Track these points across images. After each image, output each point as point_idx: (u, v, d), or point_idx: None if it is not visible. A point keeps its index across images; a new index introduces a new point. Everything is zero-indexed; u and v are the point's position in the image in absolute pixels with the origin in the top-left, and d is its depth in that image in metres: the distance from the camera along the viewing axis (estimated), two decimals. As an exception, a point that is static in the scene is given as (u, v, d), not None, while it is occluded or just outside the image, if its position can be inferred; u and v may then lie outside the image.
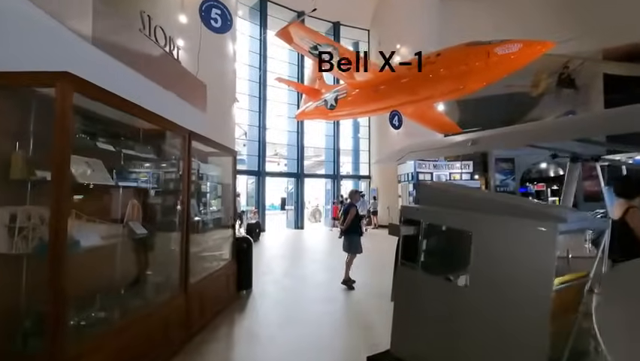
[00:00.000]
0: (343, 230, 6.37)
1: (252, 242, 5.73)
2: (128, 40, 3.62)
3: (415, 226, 2.55)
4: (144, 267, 3.54)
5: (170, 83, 4.22)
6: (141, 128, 3.44)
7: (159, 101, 3.68)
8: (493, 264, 2.07)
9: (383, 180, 17.36)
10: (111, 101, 2.58)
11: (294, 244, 12.44)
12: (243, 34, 15.42)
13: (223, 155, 5.27)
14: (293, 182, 16.80)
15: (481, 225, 2.12)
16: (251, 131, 15.61)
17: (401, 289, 2.70)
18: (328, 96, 12.84)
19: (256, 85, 15.48)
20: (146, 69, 3.75)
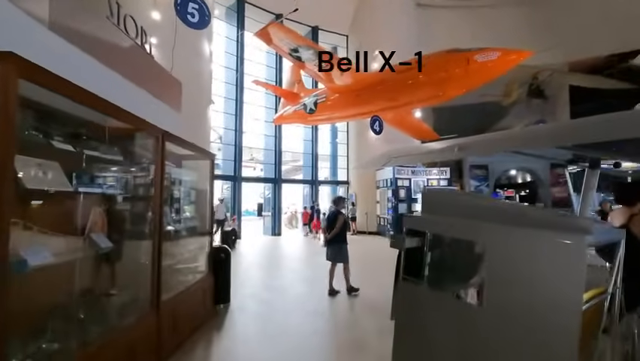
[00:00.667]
0: (329, 239, 6.10)
1: (230, 252, 5.35)
2: (93, 28, 3.21)
3: (419, 237, 2.32)
4: (109, 285, 3.11)
5: (142, 79, 3.82)
6: (107, 126, 3.04)
7: (128, 97, 3.29)
8: (511, 280, 1.87)
9: (362, 185, 17.28)
10: (68, 91, 2.20)
11: (272, 252, 12.03)
12: (220, 35, 14.96)
13: (200, 158, 4.88)
14: (270, 187, 16.39)
15: (497, 237, 1.92)
16: (226, 134, 15.11)
17: (403, 307, 2.46)
18: (308, 100, 12.60)
19: (232, 87, 15.02)
20: (114, 61, 3.35)
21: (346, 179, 18.48)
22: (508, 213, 2.04)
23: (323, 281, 7.39)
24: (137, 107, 3.09)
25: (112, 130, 3.03)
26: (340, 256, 6.02)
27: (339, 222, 5.96)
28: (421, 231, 2.33)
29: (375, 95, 10.62)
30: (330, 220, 6.13)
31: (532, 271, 1.80)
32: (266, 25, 8.44)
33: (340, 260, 6.02)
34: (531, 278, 1.80)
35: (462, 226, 2.08)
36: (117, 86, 3.29)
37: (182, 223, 4.82)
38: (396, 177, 14.62)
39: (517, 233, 1.87)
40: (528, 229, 1.83)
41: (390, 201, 14.83)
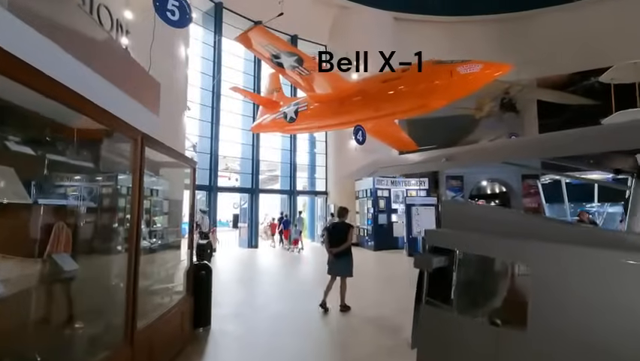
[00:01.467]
0: (336, 252, 5.76)
1: (210, 269, 4.88)
2: (61, 14, 2.77)
3: (446, 255, 2.06)
4: (73, 316, 2.62)
5: (116, 75, 3.38)
6: (76, 127, 2.60)
7: (100, 92, 2.85)
8: (564, 306, 1.63)
9: (341, 196, 17.06)
10: (28, 77, 1.78)
11: (251, 266, 11.47)
12: (196, 40, 14.45)
13: (180, 166, 4.44)
14: (247, 197, 15.83)
15: (546, 257, 1.68)
16: (202, 142, 14.49)
17: (427, 335, 2.17)
18: (288, 109, 12.30)
19: (209, 94, 14.49)
20: (85, 53, 2.91)
21: (325, 189, 18.22)
22: (558, 230, 1.81)
23: (306, 296, 7.01)
24: (111, 105, 2.67)
25: (82, 131, 2.59)
26: (347, 269, 5.81)
27: (350, 234, 5.81)
28: (448, 249, 2.07)
29: (358, 105, 10.50)
30: (337, 233, 5.87)
31: (593, 294, 1.57)
32: (248, 29, 8.14)
33: (346, 273, 5.81)
34: (591, 302, 1.56)
35: (502, 245, 1.83)
36: (88, 80, 2.84)
37: (159, 238, 4.35)
38: (376, 187, 14.53)
39: (573, 253, 1.63)
40: (586, 248, 1.60)
41: (370, 212, 14.69)
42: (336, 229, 5.98)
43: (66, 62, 2.51)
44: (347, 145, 16.77)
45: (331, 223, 6.28)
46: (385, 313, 5.74)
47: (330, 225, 6.25)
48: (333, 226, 6.14)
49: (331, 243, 5.85)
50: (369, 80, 10.56)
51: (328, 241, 5.92)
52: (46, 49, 2.46)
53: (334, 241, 5.83)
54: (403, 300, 6.90)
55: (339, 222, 6.03)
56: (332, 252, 5.80)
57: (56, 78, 1.99)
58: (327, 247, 5.96)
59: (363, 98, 10.42)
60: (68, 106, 2.21)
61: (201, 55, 14.74)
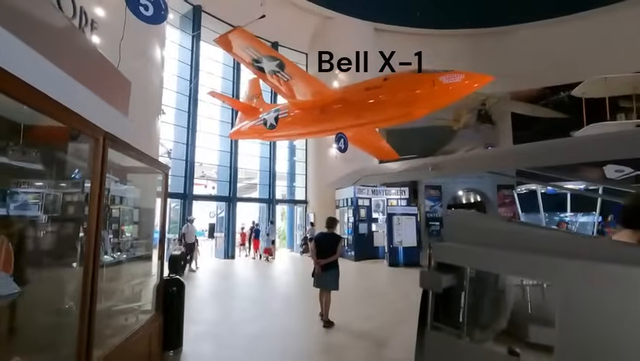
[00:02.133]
0: (324, 264, 5.53)
1: (183, 285, 4.45)
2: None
3: (454, 273, 1.82)
4: (10, 350, 2.18)
5: (79, 70, 2.99)
6: (22, 123, 2.21)
7: (59, 88, 2.47)
8: (599, 332, 1.40)
9: (321, 205, 16.80)
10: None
11: (227, 279, 10.93)
12: (173, 43, 13.97)
13: (152, 171, 4.04)
14: (224, 206, 15.28)
15: (574, 276, 1.46)
16: (177, 149, 13.90)
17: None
18: (268, 115, 12.00)
19: (185, 98, 13.97)
20: (41, 42, 2.52)
21: (304, 198, 17.91)
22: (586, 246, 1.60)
23: (287, 313, 6.65)
24: (67, 98, 2.30)
25: (31, 129, 2.21)
26: (334, 283, 5.64)
27: (340, 247, 5.69)
28: (457, 266, 1.83)
29: (340, 112, 10.34)
30: (327, 244, 5.65)
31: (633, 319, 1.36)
32: (228, 30, 7.82)
33: (332, 287, 5.63)
34: (630, 328, 1.35)
35: (522, 261, 1.61)
36: (42, 73, 2.46)
37: (127, 250, 3.92)
38: (357, 196, 14.37)
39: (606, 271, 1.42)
40: (622, 266, 1.39)
41: (350, 222, 14.48)
42: (326, 239, 5.76)
43: (12, 44, 2.12)
44: (327, 153, 16.61)
45: (321, 233, 5.99)
46: (370, 328, 5.47)
47: (320, 235, 5.99)
48: (323, 236, 5.87)
49: (319, 254, 5.62)
50: (351, 87, 10.46)
51: (316, 252, 5.67)
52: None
53: (323, 252, 5.62)
54: (387, 313, 6.70)
55: (329, 233, 5.83)
56: (320, 263, 5.57)
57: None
58: (314, 258, 5.69)
59: (344, 106, 10.27)
60: (12, 96, 1.83)
61: (178, 58, 14.24)
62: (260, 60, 8.60)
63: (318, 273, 5.62)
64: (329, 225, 5.96)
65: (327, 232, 5.87)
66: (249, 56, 8.49)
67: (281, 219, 21.32)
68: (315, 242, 5.89)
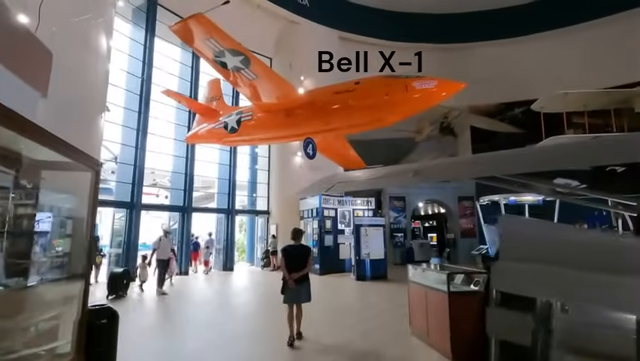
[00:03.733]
0: (298, 278, 5.29)
1: (116, 316, 3.44)
2: None
3: (522, 304, 1.20)
4: None
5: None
6: None
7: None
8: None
9: (284, 216, 15.97)
10: None
11: (178, 299, 9.60)
12: (123, 36, 12.68)
13: (74, 167, 3.09)
14: (177, 217, 13.94)
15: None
16: (124, 153, 12.50)
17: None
18: (229, 118, 11.09)
19: (135, 97, 12.66)
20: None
21: (267, 208, 16.97)
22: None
23: (248, 339, 5.78)
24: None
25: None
26: (308, 295, 5.49)
27: (311, 257, 5.55)
28: (525, 297, 1.21)
29: (308, 117, 9.71)
30: (298, 256, 5.42)
31: None
32: (187, 16, 6.95)
33: (307, 299, 5.48)
34: None
35: None
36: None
37: (36, 273, 2.94)
38: (322, 206, 13.75)
39: None
40: None
41: (316, 233, 13.79)
42: (295, 252, 5.50)
43: None
44: (292, 161, 15.93)
45: (289, 246, 5.62)
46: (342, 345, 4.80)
47: (289, 247, 5.61)
48: (292, 249, 5.55)
49: (291, 268, 5.33)
50: (321, 90, 9.92)
51: (288, 267, 5.35)
52: None
53: (293, 266, 5.35)
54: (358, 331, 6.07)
55: (298, 245, 5.59)
56: (293, 278, 5.28)
57: None
58: (286, 273, 5.32)
59: (313, 110, 9.66)
60: None
61: (129, 53, 12.94)
62: (222, 54, 7.79)
63: (292, 288, 5.28)
64: (296, 236, 5.67)
65: (295, 244, 5.60)
66: (211, 49, 7.67)
67: (239, 231, 20.12)
68: (286, 255, 5.51)
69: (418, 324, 5.24)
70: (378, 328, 6.01)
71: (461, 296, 4.46)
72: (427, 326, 4.94)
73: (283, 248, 5.70)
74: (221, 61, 8.07)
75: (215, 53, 7.80)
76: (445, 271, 4.99)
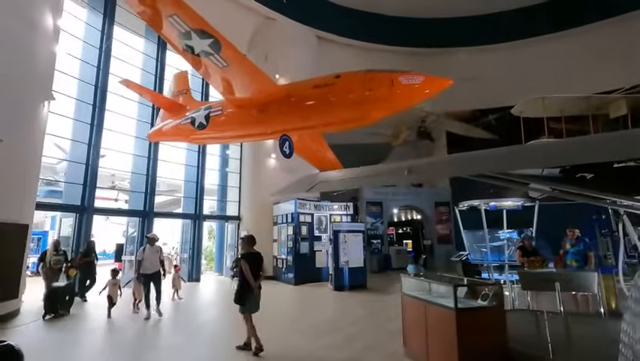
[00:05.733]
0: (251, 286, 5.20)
1: (19, 356, 2.42)
2: None
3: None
4: None
5: None
6: None
7: None
8: None
9: (256, 221, 14.96)
10: None
11: (132, 320, 7.98)
12: (77, 19, 11.37)
13: None
14: (137, 223, 12.59)
15: None
16: (75, 150, 11.12)
17: None
18: (197, 113, 10.04)
19: (90, 88, 11.33)
20: None
21: (237, 214, 15.87)
22: None
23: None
24: None
25: None
26: (248, 305, 5.30)
27: (243, 266, 5.32)
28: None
29: (284, 112, 8.87)
30: (258, 263, 5.46)
31: None
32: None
33: (246, 309, 5.31)
34: None
35: None
36: None
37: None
38: (298, 211, 12.89)
39: None
40: None
41: (291, 240, 12.90)
42: (255, 259, 5.48)
43: None
44: (265, 163, 15.02)
45: (249, 253, 5.56)
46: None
47: (249, 254, 5.53)
48: (252, 256, 5.50)
49: (254, 275, 5.27)
50: (299, 84, 9.08)
51: (254, 273, 5.27)
52: None
53: (255, 274, 5.32)
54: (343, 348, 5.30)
55: (256, 253, 5.59)
56: (258, 285, 5.31)
57: None
58: (251, 279, 5.20)
59: (289, 105, 8.81)
60: None
61: (84, 39, 11.61)
62: (188, 36, 6.83)
63: (257, 295, 5.30)
64: (254, 243, 5.74)
65: (254, 252, 5.61)
66: (175, 29, 6.71)
67: (208, 238, 18.81)
68: (249, 261, 5.34)
69: (416, 344, 4.51)
70: (367, 349, 5.21)
71: (472, 313, 3.79)
72: (426, 348, 4.22)
73: (245, 254, 5.53)
74: (188, 44, 7.11)
75: (180, 35, 6.84)
76: (448, 282, 4.31)
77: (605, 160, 4.06)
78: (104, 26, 11.78)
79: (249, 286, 5.16)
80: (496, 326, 3.76)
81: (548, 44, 18.31)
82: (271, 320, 7.45)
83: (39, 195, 15.85)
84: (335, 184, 6.11)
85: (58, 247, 9.27)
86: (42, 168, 16.21)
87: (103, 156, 14.03)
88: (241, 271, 5.27)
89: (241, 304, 5.23)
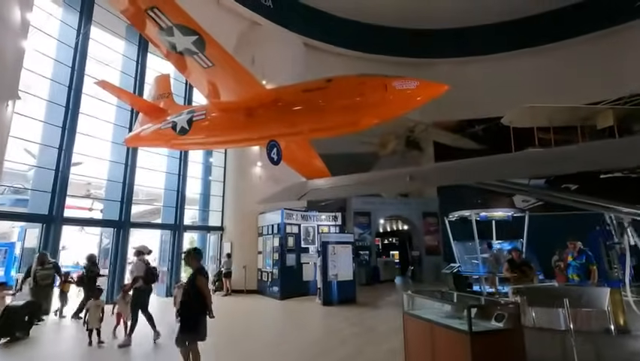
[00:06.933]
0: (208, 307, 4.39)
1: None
2: None
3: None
4: None
5: None
6: None
7: None
8: None
9: (240, 232, 14.31)
10: None
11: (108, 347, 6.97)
12: (53, 17, 10.69)
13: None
14: (112, 233, 11.75)
15: None
16: (44, 155, 10.32)
17: None
18: (179, 117, 9.47)
19: (64, 90, 10.60)
20: None
21: (220, 224, 15.16)
22: None
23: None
24: None
25: None
26: (204, 331, 4.36)
27: (203, 284, 4.42)
28: None
29: (272, 117, 8.40)
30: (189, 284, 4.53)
31: None
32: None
33: (201, 337, 4.35)
34: None
35: None
36: None
37: None
38: (284, 222, 12.34)
39: None
40: None
41: (277, 251, 12.30)
42: (207, 276, 4.72)
43: None
44: (251, 172, 14.45)
45: (202, 268, 4.68)
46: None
47: (203, 270, 4.68)
48: (205, 272, 4.69)
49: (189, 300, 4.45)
50: (288, 88, 8.68)
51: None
52: None
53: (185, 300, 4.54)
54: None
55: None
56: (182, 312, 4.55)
57: None
58: (211, 301, 4.43)
59: (277, 110, 8.36)
60: None
61: (59, 37, 10.92)
62: (170, 32, 6.33)
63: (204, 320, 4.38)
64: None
65: (203, 267, 4.78)
66: (157, 23, 6.20)
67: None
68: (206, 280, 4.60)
69: (420, 371, 4.04)
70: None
71: (488, 337, 3.36)
72: (433, 376, 3.76)
73: (200, 269, 4.59)
74: (170, 42, 6.60)
75: (161, 32, 6.33)
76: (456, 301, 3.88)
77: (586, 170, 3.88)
78: (80, 25, 11.12)
79: (206, 307, 4.33)
80: (515, 352, 3.35)
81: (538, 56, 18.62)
82: (252, 341, 6.84)
83: (4, 204, 14.88)
84: (327, 192, 5.68)
85: (45, 260, 8.46)
86: (10, 174, 15.29)
87: (80, 163, 13.22)
88: (196, 290, 4.32)
89: (195, 333, 4.28)
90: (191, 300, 4.32)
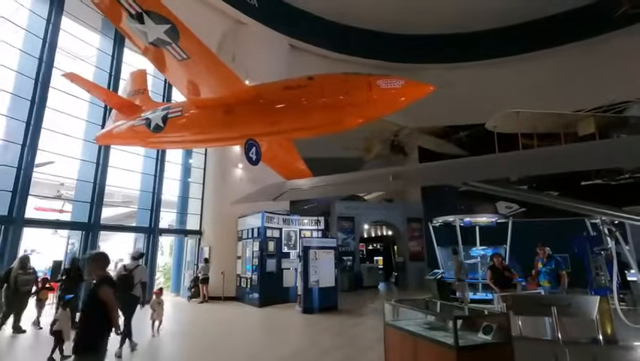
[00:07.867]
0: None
1: None
2: None
3: None
4: None
5: None
6: None
7: None
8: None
9: (218, 236, 13.77)
10: None
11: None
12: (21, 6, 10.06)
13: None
14: (80, 237, 11.06)
15: None
16: (6, 151, 9.62)
17: None
18: (153, 114, 8.97)
19: (30, 82, 9.96)
20: None
21: (199, 228, 14.58)
22: None
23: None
24: None
25: None
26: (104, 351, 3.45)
27: (109, 296, 3.46)
28: None
29: (252, 115, 8.00)
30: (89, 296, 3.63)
31: None
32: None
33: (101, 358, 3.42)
34: None
35: None
36: None
37: None
38: (265, 225, 11.88)
39: None
40: None
41: (256, 257, 11.83)
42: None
43: None
44: (231, 174, 13.96)
45: (107, 277, 3.74)
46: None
47: (109, 279, 3.75)
48: (113, 282, 3.77)
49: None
50: (269, 85, 8.31)
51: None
52: None
53: None
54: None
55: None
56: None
57: None
58: (117, 318, 3.58)
59: (257, 107, 7.98)
60: None
61: (28, 27, 10.27)
62: (140, 19, 5.89)
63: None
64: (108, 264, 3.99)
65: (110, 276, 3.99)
66: (126, 9, 5.76)
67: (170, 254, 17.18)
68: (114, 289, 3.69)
69: (402, 388, 3.70)
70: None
71: (476, 352, 3.04)
72: (417, 394, 3.42)
73: (107, 278, 3.69)
74: (141, 30, 6.16)
75: (130, 18, 5.89)
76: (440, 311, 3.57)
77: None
78: (50, 15, 10.50)
79: (110, 324, 3.49)
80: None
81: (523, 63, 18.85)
82: (222, 354, 6.38)
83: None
84: (306, 193, 5.30)
85: (27, 265, 7.80)
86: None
87: (51, 162, 12.48)
88: (98, 301, 3.43)
89: (93, 353, 3.38)
90: (92, 314, 3.46)
